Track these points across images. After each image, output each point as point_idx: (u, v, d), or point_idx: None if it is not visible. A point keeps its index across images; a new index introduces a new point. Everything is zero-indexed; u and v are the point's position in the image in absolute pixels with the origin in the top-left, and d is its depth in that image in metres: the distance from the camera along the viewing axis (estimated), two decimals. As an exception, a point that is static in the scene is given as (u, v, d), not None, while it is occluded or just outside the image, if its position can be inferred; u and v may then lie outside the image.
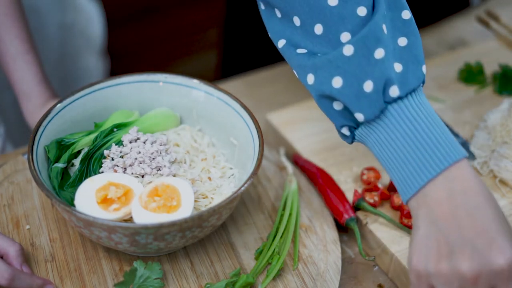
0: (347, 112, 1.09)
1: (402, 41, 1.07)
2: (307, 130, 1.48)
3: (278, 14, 1.14)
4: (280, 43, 1.14)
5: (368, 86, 1.04)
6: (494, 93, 1.60)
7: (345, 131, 1.11)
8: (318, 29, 1.09)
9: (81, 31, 2.05)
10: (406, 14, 1.08)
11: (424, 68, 1.07)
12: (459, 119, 1.52)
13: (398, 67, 1.06)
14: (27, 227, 1.24)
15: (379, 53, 1.04)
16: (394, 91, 1.04)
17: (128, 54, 3.18)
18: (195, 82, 1.30)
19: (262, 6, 1.17)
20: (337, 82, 1.06)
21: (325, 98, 1.09)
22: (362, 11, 1.06)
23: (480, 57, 1.69)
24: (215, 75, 2.83)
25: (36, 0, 1.88)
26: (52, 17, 1.94)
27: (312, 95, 1.11)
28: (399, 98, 1.04)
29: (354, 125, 1.10)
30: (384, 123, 1.06)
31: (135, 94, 1.31)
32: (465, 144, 1.43)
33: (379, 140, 1.07)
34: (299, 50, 1.12)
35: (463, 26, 1.93)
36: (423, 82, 1.07)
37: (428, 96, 1.57)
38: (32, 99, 1.46)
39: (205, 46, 3.32)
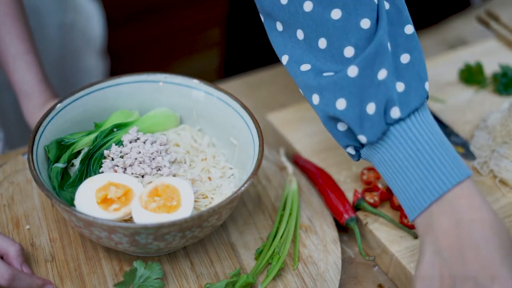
0: (351, 133, 1.09)
1: (405, 58, 1.07)
2: (307, 130, 1.48)
3: (279, 28, 1.14)
4: (284, 59, 1.14)
5: (371, 108, 1.04)
6: (494, 93, 1.60)
7: (351, 150, 1.12)
8: (322, 43, 1.09)
9: (81, 31, 2.04)
10: (409, 29, 1.08)
11: (427, 85, 1.06)
12: (459, 119, 1.52)
13: (400, 87, 1.05)
14: (27, 227, 1.24)
15: (382, 74, 1.04)
16: (395, 113, 1.04)
17: (128, 54, 3.18)
18: (195, 82, 1.30)
19: (262, 18, 1.17)
20: (341, 104, 1.06)
21: (331, 119, 1.10)
22: (365, 23, 1.06)
23: (480, 57, 1.69)
24: (217, 75, 2.83)
25: (36, 0, 1.88)
26: (52, 17, 1.94)
27: (318, 115, 1.12)
28: (401, 119, 1.05)
29: (359, 146, 1.10)
30: (387, 144, 1.06)
31: (135, 94, 1.31)
32: (465, 144, 1.43)
33: (383, 160, 1.07)
34: (303, 67, 1.12)
35: (463, 26, 1.93)
36: (427, 98, 1.07)
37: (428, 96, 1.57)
38: (32, 99, 1.46)
39: (206, 46, 3.32)
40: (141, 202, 1.12)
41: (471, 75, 1.63)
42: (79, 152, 1.25)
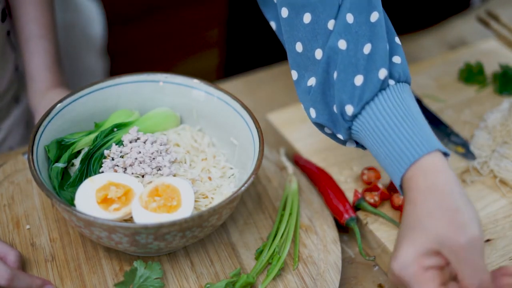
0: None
1: (367, 48, 1.08)
2: (307, 130, 1.48)
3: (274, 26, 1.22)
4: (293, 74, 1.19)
5: (336, 109, 1.10)
6: (494, 93, 1.60)
7: (343, 142, 1.18)
8: (299, 47, 1.14)
9: (81, 31, 2.04)
10: (375, 16, 1.09)
11: (382, 73, 1.07)
12: (459, 119, 1.52)
13: (359, 80, 1.08)
14: (27, 227, 1.24)
15: (335, 75, 1.09)
16: (349, 110, 1.08)
17: (128, 54, 3.18)
18: (195, 82, 1.30)
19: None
20: (312, 112, 1.15)
21: (317, 124, 1.17)
22: (331, 24, 1.11)
23: (480, 57, 1.69)
24: (217, 75, 2.83)
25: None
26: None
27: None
28: (356, 115, 1.08)
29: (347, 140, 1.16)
30: (358, 136, 1.11)
31: (135, 94, 1.31)
32: (465, 144, 1.43)
33: (367, 145, 1.10)
34: (292, 73, 1.18)
35: (463, 26, 1.93)
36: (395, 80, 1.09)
37: (428, 96, 1.57)
38: (36, 83, 1.47)
39: (206, 46, 3.32)
40: (141, 202, 1.12)
41: (471, 75, 1.63)
42: (79, 152, 1.25)
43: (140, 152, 1.22)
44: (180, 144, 1.28)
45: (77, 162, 1.23)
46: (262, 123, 1.47)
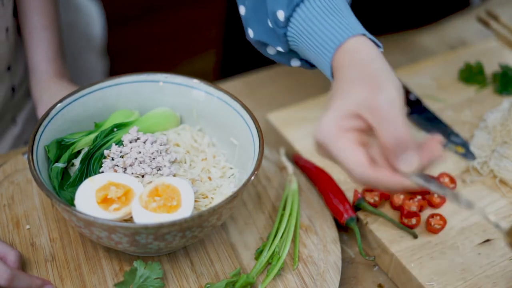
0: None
1: None
2: (307, 130, 1.48)
3: None
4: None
5: (270, 21, 1.17)
6: (494, 93, 1.60)
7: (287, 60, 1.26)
8: None
9: (81, 31, 2.04)
10: None
11: None
12: (459, 118, 1.52)
13: None
14: (27, 227, 1.24)
15: None
16: (281, 15, 1.13)
17: (128, 54, 3.18)
18: (195, 82, 1.30)
19: None
20: (250, 32, 1.23)
21: (259, 45, 1.25)
22: None
23: (480, 57, 1.69)
24: (214, 75, 2.83)
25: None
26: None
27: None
28: (288, 18, 1.14)
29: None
30: (295, 43, 1.16)
31: (135, 94, 1.31)
32: (465, 144, 1.43)
33: (302, 48, 1.16)
34: (240, 9, 1.26)
35: (463, 26, 1.93)
36: None
37: (428, 96, 1.57)
38: (37, 73, 1.49)
39: (205, 46, 3.32)
40: (141, 202, 1.12)
41: (471, 75, 1.63)
42: (79, 152, 1.25)
43: (140, 152, 1.22)
44: (180, 144, 1.28)
45: (77, 162, 1.23)
46: (262, 123, 1.47)
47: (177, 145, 1.28)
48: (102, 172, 1.21)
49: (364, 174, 0.99)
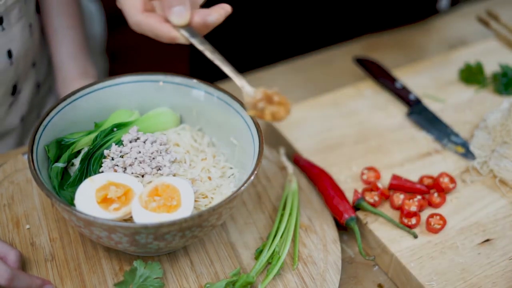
0: None
1: None
2: (307, 129, 1.48)
3: None
4: None
5: None
6: (494, 93, 1.60)
7: None
8: None
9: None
10: None
11: None
12: (459, 118, 1.52)
13: None
14: (27, 226, 1.24)
15: None
16: None
17: (128, 54, 3.18)
18: (195, 81, 1.30)
19: None
20: None
21: None
22: None
23: (480, 57, 1.69)
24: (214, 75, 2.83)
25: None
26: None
27: None
28: None
29: None
30: None
31: (135, 94, 1.31)
32: (465, 144, 1.43)
33: None
34: None
35: (463, 26, 1.93)
36: None
37: (428, 96, 1.58)
38: (62, 72, 1.53)
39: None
40: (141, 202, 1.12)
41: (471, 75, 1.63)
42: (79, 151, 1.25)
43: (140, 152, 1.22)
44: (180, 144, 1.28)
45: (77, 162, 1.23)
46: (261, 123, 1.47)
47: (177, 145, 1.28)
48: (102, 172, 1.21)
49: (135, 17, 1.11)
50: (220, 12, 1.13)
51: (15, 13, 1.42)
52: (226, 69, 1.12)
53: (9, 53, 1.44)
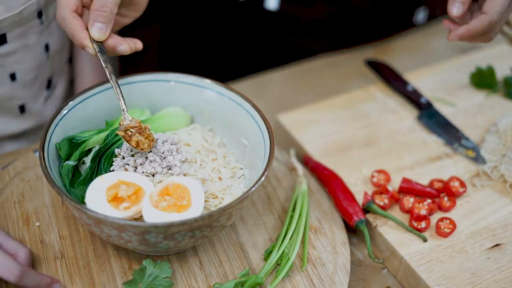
0: None
1: None
2: (318, 131, 1.48)
3: None
4: None
5: None
6: (505, 97, 1.60)
7: None
8: None
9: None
10: None
11: None
12: (470, 123, 1.52)
13: None
14: (37, 224, 1.24)
15: None
16: None
17: (140, 53, 3.18)
18: (207, 82, 1.30)
19: None
20: None
21: None
22: None
23: (491, 61, 1.68)
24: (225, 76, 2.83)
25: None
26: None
27: None
28: None
29: None
30: None
31: (146, 93, 1.31)
32: (475, 148, 1.43)
33: None
34: None
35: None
36: None
37: (439, 100, 1.57)
38: (83, 79, 1.62)
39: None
40: (151, 201, 1.12)
41: (483, 79, 1.62)
42: (90, 150, 1.25)
43: (150, 151, 1.22)
44: (191, 144, 1.28)
45: (87, 160, 1.23)
46: (272, 124, 1.47)
47: (187, 145, 1.28)
48: (113, 170, 1.21)
49: (64, 12, 1.21)
50: (131, 46, 1.27)
51: (53, 7, 1.47)
52: (118, 90, 1.22)
53: (47, 47, 1.49)
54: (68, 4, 1.22)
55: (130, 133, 1.19)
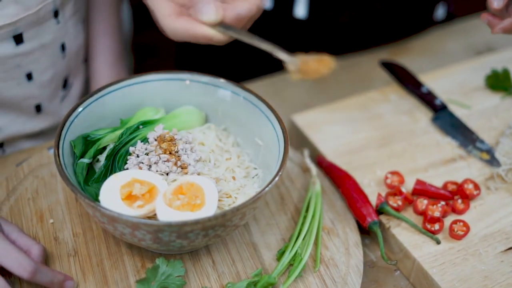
0: None
1: None
2: (332, 132, 1.48)
3: None
4: None
5: None
6: (521, 100, 1.59)
7: None
8: None
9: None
10: None
11: None
12: (484, 125, 1.51)
13: None
14: (51, 221, 1.25)
15: None
16: None
17: (154, 51, 3.19)
18: (221, 81, 1.30)
19: None
20: None
21: None
22: None
23: (507, 63, 1.68)
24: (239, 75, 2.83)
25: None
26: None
27: None
28: None
29: None
30: None
31: (161, 91, 1.32)
32: (490, 151, 1.43)
33: None
34: None
35: (490, 32, 1.92)
36: None
37: (454, 102, 1.57)
38: (97, 77, 1.62)
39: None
40: (165, 200, 1.12)
41: (498, 82, 1.62)
42: (104, 148, 1.25)
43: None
44: (205, 143, 1.28)
45: (102, 158, 1.24)
46: (286, 124, 1.47)
47: (202, 144, 1.28)
48: (127, 168, 1.21)
49: (167, 23, 1.15)
50: (250, 2, 1.16)
51: (69, 7, 1.48)
52: (266, 46, 1.15)
53: (63, 47, 1.50)
54: (169, 14, 1.15)
55: (303, 69, 1.16)
